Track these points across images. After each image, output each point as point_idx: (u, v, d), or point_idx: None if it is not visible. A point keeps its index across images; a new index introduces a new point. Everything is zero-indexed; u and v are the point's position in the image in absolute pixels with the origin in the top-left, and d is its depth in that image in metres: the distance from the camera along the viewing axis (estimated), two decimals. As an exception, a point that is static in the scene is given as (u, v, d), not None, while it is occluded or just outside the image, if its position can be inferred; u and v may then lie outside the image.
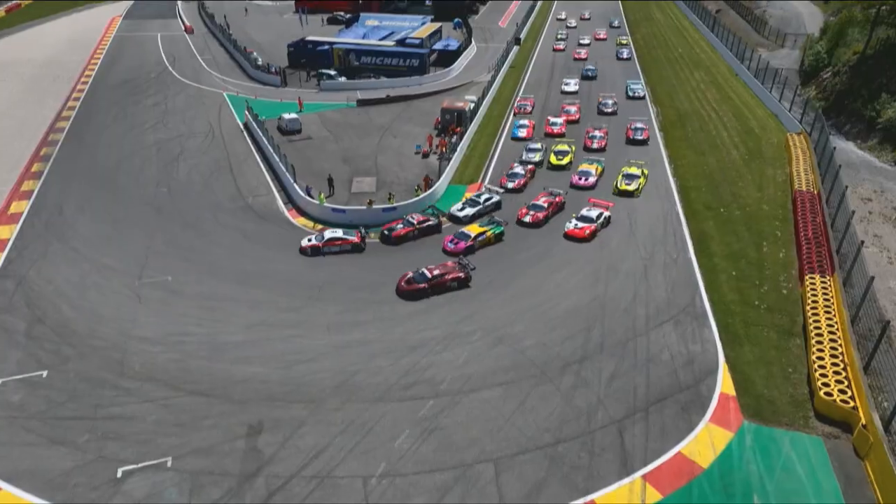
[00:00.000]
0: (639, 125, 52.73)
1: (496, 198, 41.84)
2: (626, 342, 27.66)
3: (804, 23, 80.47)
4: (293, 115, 54.86)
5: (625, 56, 76.86)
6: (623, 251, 35.08)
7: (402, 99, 63.48)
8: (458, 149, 50.15)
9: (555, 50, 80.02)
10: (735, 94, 61.88)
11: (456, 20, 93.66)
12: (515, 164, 46.39)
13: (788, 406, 24.01)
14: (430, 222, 39.02)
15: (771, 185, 42.16)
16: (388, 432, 22.78)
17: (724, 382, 25.19)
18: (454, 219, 40.36)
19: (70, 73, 72.15)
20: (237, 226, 39.70)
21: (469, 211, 40.56)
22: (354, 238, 36.94)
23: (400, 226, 38.45)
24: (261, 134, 51.38)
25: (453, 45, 79.73)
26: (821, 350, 25.52)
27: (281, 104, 60.87)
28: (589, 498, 20.28)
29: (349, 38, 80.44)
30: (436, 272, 31.93)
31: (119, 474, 20.92)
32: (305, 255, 36.24)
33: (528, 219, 38.75)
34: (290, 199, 44.26)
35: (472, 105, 57.22)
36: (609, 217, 38.32)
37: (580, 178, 44.49)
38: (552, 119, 55.17)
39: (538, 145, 49.58)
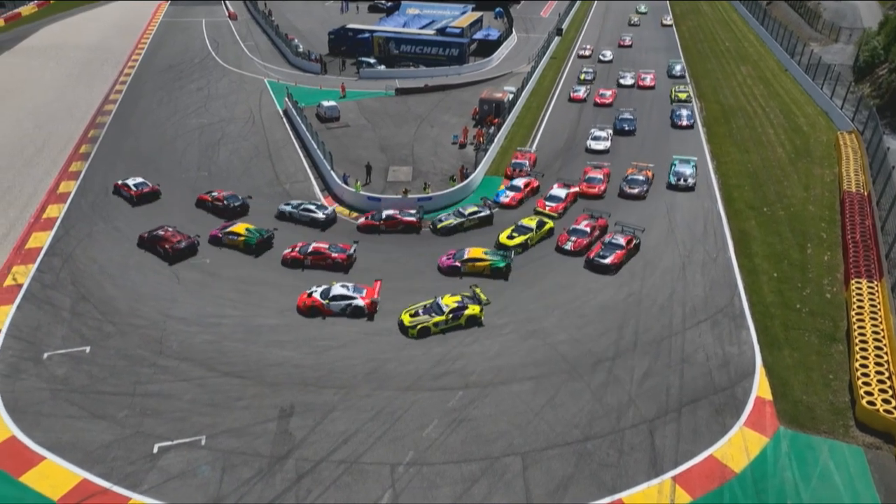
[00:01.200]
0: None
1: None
2: (660, 341, 27.20)
3: (860, 16, 77.25)
4: (332, 103, 55.23)
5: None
6: (661, 248, 34.41)
7: (440, 88, 63.29)
8: (496, 140, 49.81)
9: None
10: (783, 90, 59.93)
11: (497, 9, 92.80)
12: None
13: (828, 413, 23.32)
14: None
15: (818, 185, 40.78)
16: (416, 421, 22.91)
17: (760, 386, 24.60)
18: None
19: (118, 57, 73.94)
20: (274, 211, 40.17)
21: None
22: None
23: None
24: (300, 121, 51.88)
25: (494, 34, 79.06)
26: (865, 357, 24.69)
27: (320, 91, 61.31)
28: (617, 497, 20.08)
29: (389, 26, 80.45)
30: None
31: (155, 450, 21.54)
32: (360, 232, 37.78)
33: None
34: (326, 186, 44.64)
35: (511, 96, 56.72)
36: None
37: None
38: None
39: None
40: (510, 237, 35.23)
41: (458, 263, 32.91)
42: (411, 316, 28.27)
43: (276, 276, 32.78)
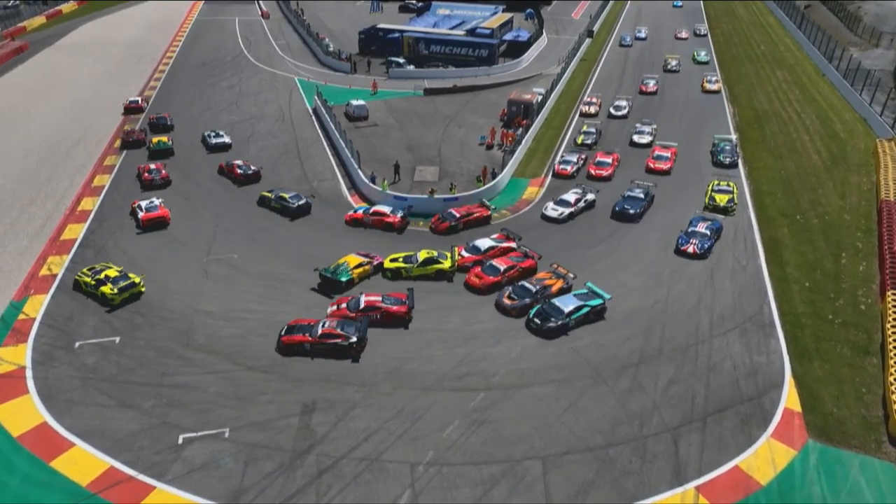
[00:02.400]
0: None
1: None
2: (686, 348, 26.79)
3: (902, 21, 75.26)
4: (361, 102, 55.57)
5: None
6: (689, 254, 33.86)
7: (468, 89, 63.25)
8: (523, 142, 49.60)
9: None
10: (820, 96, 58.58)
11: (528, 11, 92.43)
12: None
13: (859, 428, 22.73)
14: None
15: (854, 194, 39.77)
16: (437, 421, 22.90)
17: (789, 397, 24.11)
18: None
19: (153, 54, 75.44)
20: (306, 225, 40.44)
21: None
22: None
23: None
24: (328, 119, 52.31)
25: (524, 35, 78.77)
26: (900, 371, 23.99)
27: (350, 90, 61.75)
28: (638, 504, 19.83)
29: (419, 26, 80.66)
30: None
31: (180, 441, 21.89)
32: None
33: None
34: (353, 185, 44.92)
35: (540, 98, 56.42)
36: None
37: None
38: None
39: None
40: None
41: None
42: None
43: (301, 272, 33.03)
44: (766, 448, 21.91)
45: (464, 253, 33.67)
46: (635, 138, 50.19)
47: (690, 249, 33.40)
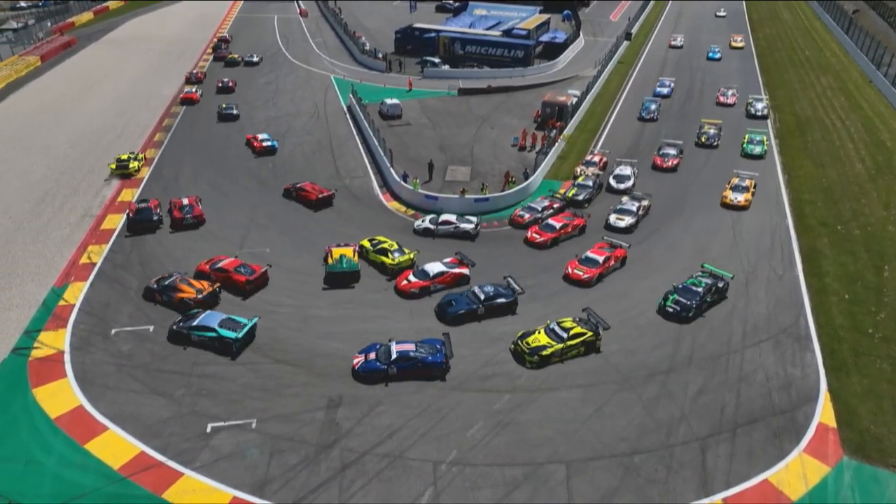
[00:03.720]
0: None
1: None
2: (717, 357, 26.26)
3: (956, 27, 72.56)
4: (395, 101, 55.88)
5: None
6: (723, 262, 33.18)
7: (503, 90, 63.07)
8: (556, 144, 49.23)
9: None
10: (867, 103, 56.80)
11: (565, 12, 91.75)
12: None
13: (898, 446, 21.97)
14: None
15: (899, 204, 38.51)
16: (461, 421, 22.88)
17: (823, 412, 23.44)
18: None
19: (194, 50, 77.09)
20: (333, 205, 40.97)
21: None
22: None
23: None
24: (363, 117, 52.72)
25: (560, 37, 78.22)
26: (942, 390, 23.11)
27: (384, 89, 62.13)
28: (663, 514, 19.51)
29: (455, 26, 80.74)
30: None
31: (208, 429, 22.30)
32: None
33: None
34: (385, 183, 45.18)
35: (575, 100, 55.95)
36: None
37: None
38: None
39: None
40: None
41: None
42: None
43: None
44: (797, 463, 21.33)
45: (411, 278, 31.09)
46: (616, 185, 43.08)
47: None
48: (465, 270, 32.06)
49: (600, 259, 32.39)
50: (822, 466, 21.21)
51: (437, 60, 70.97)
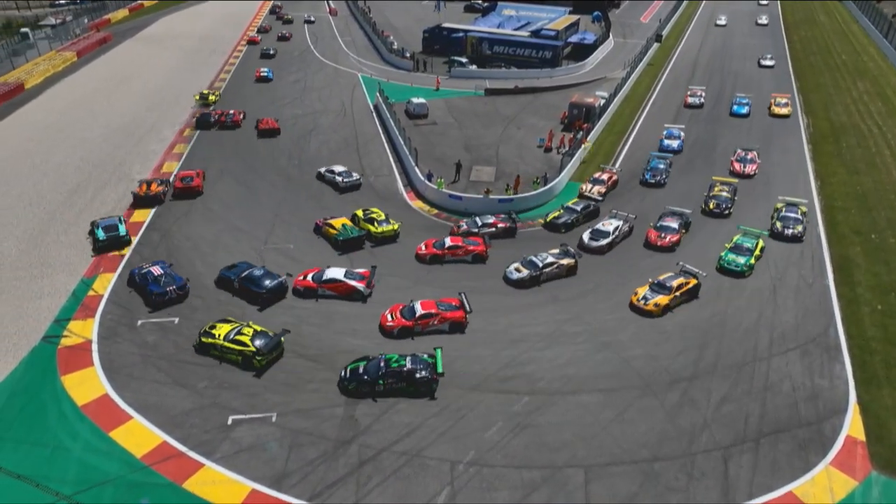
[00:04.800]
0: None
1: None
2: (742, 365, 25.76)
3: None
4: (421, 100, 55.97)
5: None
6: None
7: (530, 91, 62.78)
8: (583, 146, 48.81)
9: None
10: (904, 109, 55.29)
11: (595, 13, 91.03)
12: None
13: (930, 463, 21.30)
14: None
15: (937, 214, 37.36)
16: (480, 421, 22.79)
17: (852, 425, 22.83)
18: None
19: (224, 46, 78.18)
20: (357, 202, 41.16)
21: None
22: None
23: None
24: (389, 116, 52.90)
25: (589, 38, 77.62)
26: (978, 406, 22.32)
27: (411, 88, 62.27)
28: (683, 523, 19.19)
29: (484, 26, 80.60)
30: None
31: (229, 422, 22.55)
32: None
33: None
34: (409, 182, 45.27)
35: (603, 101, 55.44)
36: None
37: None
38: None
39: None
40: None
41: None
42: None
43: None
44: (824, 476, 20.83)
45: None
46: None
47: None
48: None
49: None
50: (849, 480, 20.67)
51: (464, 60, 70.93)
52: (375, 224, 36.30)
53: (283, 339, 26.06)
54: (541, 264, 32.12)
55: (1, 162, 44.19)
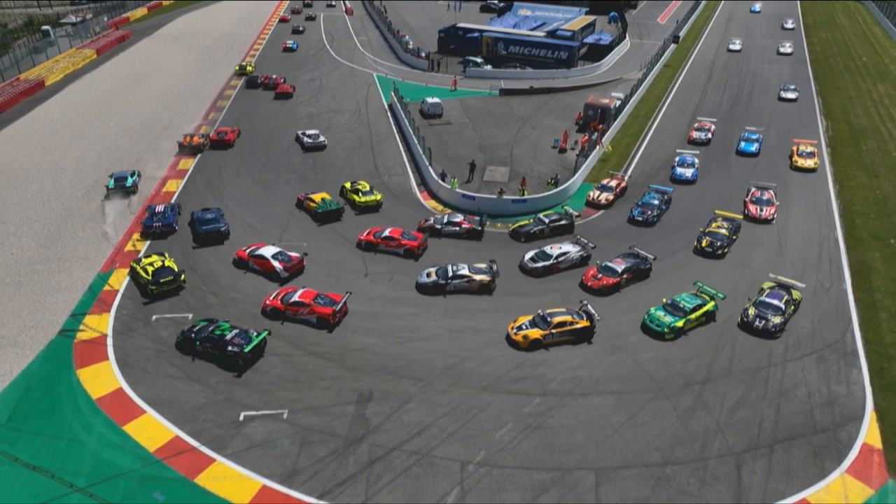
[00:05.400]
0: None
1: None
2: (757, 370, 25.48)
3: None
4: (436, 100, 55.98)
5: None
6: (767, 272, 32.22)
7: (545, 91, 62.57)
8: (598, 147, 48.56)
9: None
10: (926, 112, 54.43)
11: (612, 14, 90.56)
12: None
13: (948, 472, 20.94)
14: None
15: (958, 219, 36.73)
16: (491, 422, 22.74)
17: (869, 432, 22.51)
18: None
19: (241, 45, 78.72)
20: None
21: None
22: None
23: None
24: (403, 115, 52.97)
25: (605, 39, 77.19)
26: None
27: (426, 88, 62.30)
28: (694, 528, 19.01)
29: (499, 26, 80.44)
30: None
31: (241, 418, 22.70)
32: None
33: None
34: (423, 181, 45.29)
35: (618, 102, 55.12)
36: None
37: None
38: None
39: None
40: None
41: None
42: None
43: (368, 264, 33.59)
44: (839, 483, 20.54)
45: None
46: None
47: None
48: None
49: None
50: (865, 489, 20.38)
51: (479, 60, 70.83)
52: (360, 194, 39.66)
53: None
54: (450, 273, 30.94)
55: (21, 158, 44.84)
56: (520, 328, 27.27)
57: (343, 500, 19.70)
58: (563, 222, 37.60)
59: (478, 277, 31.01)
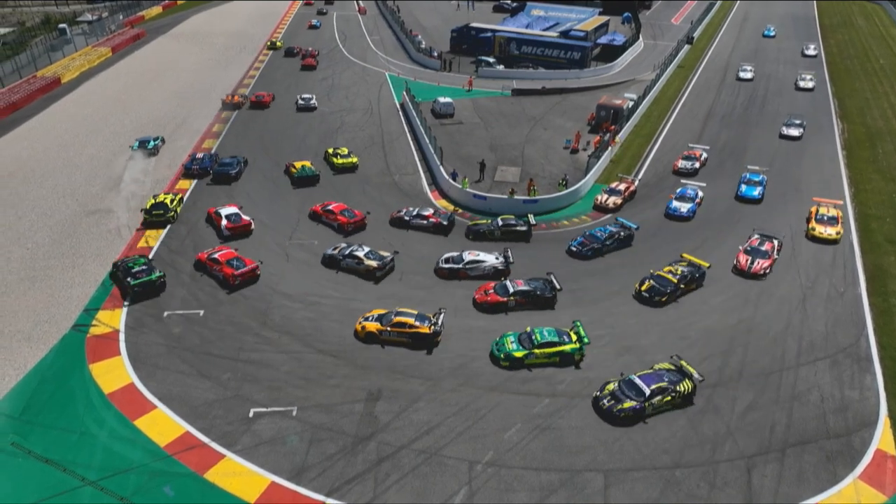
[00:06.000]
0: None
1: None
2: (769, 374, 25.25)
3: None
4: (448, 100, 55.97)
5: None
6: (780, 275, 31.94)
7: (557, 91, 62.38)
8: (610, 148, 48.36)
9: None
10: (944, 115, 53.70)
11: (625, 14, 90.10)
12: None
13: (963, 480, 20.64)
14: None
15: (976, 224, 36.21)
16: (499, 422, 22.70)
17: (882, 438, 22.25)
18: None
19: (254, 44, 79.07)
20: (382, 200, 41.36)
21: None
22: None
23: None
24: (415, 115, 53.00)
25: (619, 39, 76.83)
26: None
27: (438, 88, 62.30)
28: (703, 532, 18.87)
29: (512, 26, 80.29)
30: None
31: (251, 414, 22.80)
32: None
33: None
34: (433, 181, 45.30)
35: (631, 103, 54.84)
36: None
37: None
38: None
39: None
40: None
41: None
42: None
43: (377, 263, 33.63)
44: (851, 489, 20.31)
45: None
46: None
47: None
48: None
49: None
50: (878, 495, 20.13)
51: (491, 60, 70.74)
52: (338, 157, 45.38)
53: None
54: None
55: (37, 154, 45.33)
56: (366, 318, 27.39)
57: (351, 497, 19.74)
58: (518, 228, 36.78)
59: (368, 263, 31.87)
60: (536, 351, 25.45)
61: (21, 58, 63.54)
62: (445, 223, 37.41)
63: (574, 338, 25.99)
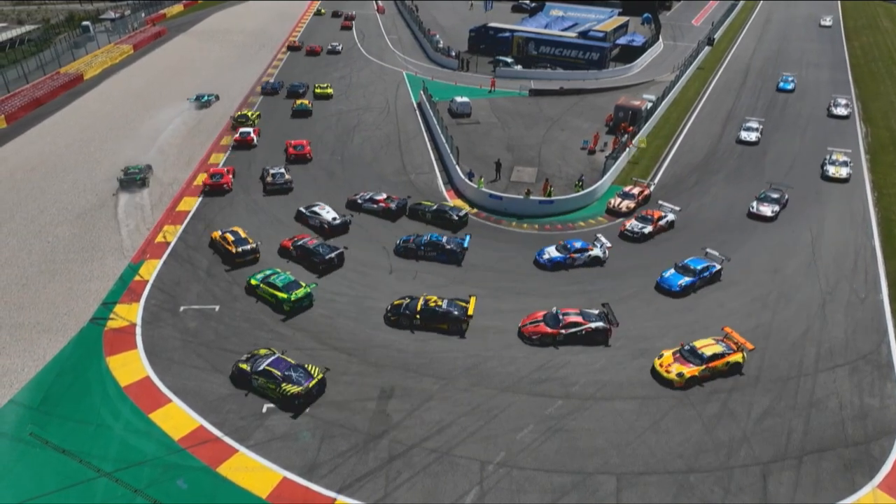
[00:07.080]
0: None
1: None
2: (787, 379, 24.90)
3: None
4: (465, 99, 55.87)
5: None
6: (799, 280, 31.49)
7: (575, 92, 62.02)
8: (627, 149, 47.97)
9: None
10: (971, 119, 52.59)
11: (645, 15, 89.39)
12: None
13: None
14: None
15: None
16: (512, 423, 22.61)
17: (903, 448, 21.81)
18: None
19: (274, 42, 79.58)
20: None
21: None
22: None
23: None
24: (432, 114, 52.96)
25: (638, 40, 76.24)
26: None
27: (455, 87, 62.23)
28: (717, 538, 18.63)
29: (530, 26, 80.00)
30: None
31: (264, 410, 22.93)
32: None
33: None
34: (450, 180, 45.23)
35: (650, 105, 54.37)
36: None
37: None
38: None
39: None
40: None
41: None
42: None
43: (392, 262, 33.67)
44: (870, 498, 19.96)
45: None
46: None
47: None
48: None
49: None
50: (897, 505, 19.78)
51: (509, 60, 70.54)
52: (319, 88, 59.28)
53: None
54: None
55: (59, 149, 45.99)
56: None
57: (362, 495, 19.77)
58: (449, 216, 37.90)
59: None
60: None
61: (45, 54, 64.56)
62: (394, 208, 38.52)
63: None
